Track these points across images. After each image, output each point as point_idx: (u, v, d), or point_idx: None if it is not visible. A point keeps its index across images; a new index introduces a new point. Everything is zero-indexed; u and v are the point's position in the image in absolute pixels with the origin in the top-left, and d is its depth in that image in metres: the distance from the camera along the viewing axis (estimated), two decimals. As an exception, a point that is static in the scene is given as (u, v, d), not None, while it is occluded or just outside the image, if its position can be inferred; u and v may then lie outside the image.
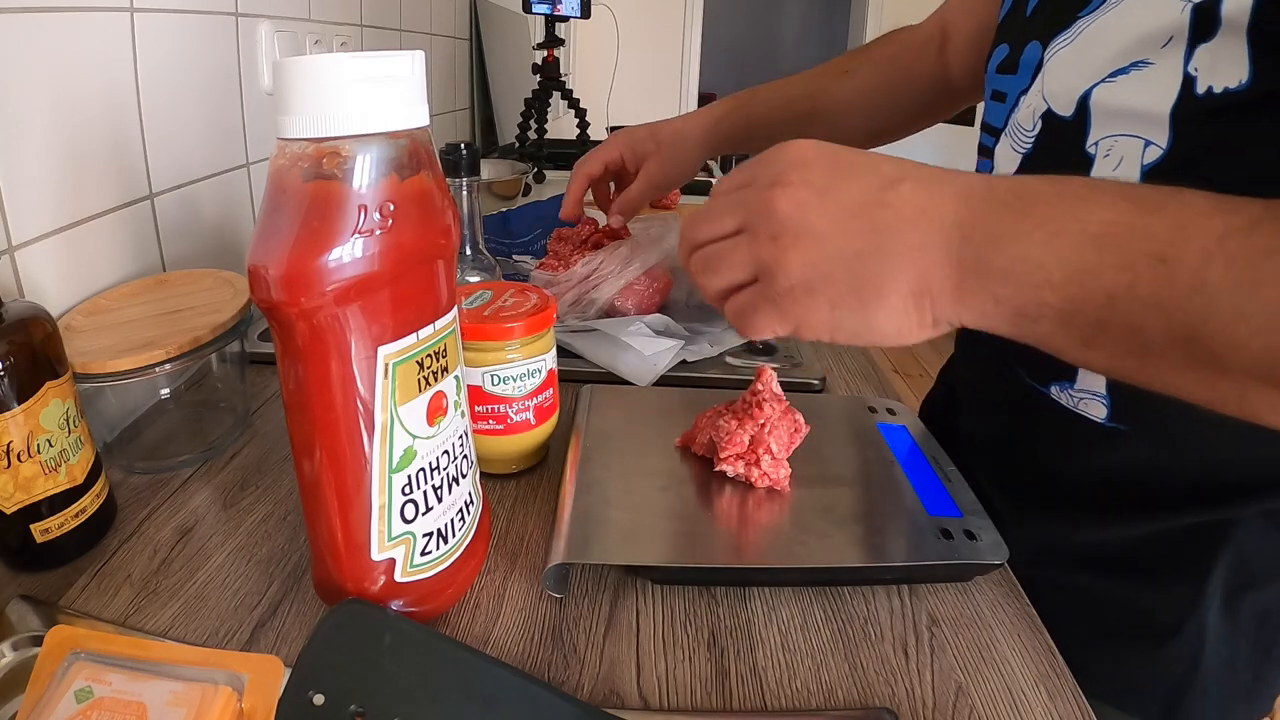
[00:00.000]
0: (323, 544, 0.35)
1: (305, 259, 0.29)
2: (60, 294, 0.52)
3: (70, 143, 0.52)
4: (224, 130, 0.72)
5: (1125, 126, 0.42)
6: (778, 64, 5.96)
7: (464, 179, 0.58)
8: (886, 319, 0.33)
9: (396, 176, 0.30)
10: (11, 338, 0.36)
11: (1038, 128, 0.48)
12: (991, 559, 0.40)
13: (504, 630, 0.37)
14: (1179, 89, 0.39)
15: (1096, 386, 0.46)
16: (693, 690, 0.35)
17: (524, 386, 0.46)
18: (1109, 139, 0.43)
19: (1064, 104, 0.45)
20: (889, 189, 0.33)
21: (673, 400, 0.56)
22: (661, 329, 0.65)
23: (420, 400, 0.33)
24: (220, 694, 0.29)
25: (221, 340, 0.49)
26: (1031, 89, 0.48)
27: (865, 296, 0.33)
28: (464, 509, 0.38)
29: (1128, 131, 0.42)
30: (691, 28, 3.65)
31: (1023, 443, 0.54)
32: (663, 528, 0.42)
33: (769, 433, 0.45)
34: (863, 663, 0.36)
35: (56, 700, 0.28)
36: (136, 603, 0.38)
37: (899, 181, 0.33)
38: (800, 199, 0.33)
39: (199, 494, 0.47)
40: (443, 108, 1.44)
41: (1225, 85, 0.37)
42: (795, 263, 0.33)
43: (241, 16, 0.73)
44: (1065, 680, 0.36)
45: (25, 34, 0.48)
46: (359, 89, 0.29)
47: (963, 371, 0.64)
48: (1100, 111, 0.43)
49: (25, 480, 0.37)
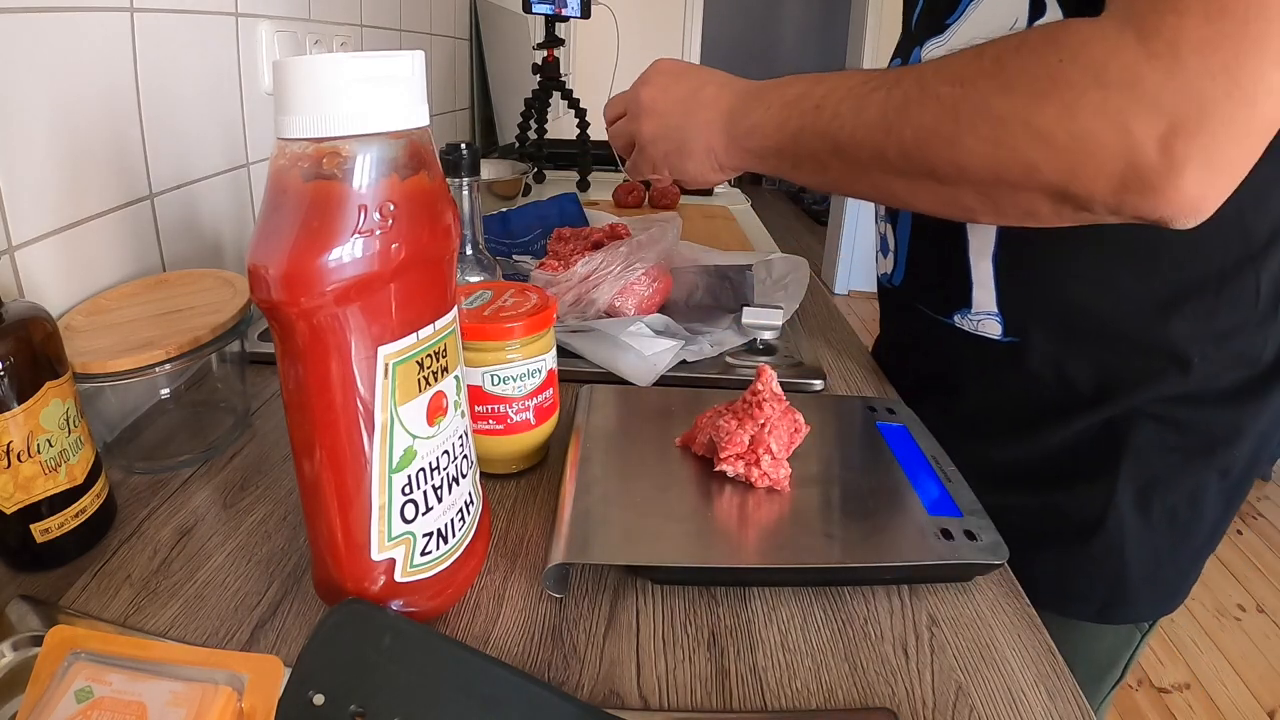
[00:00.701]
0: (323, 544, 0.35)
1: (305, 259, 0.29)
2: (60, 294, 0.52)
3: (70, 143, 0.52)
4: (224, 130, 0.72)
5: None
6: (777, 64, 5.96)
7: (464, 179, 0.58)
8: (695, 166, 0.57)
9: (396, 176, 0.30)
10: (11, 338, 0.36)
11: None
12: (991, 559, 0.40)
13: (504, 630, 0.37)
14: None
15: (989, 306, 0.56)
16: (693, 690, 0.35)
17: (524, 386, 0.46)
18: None
19: None
20: (701, 89, 0.56)
21: (673, 400, 0.56)
22: (661, 329, 0.65)
23: (420, 400, 0.33)
24: (220, 694, 0.29)
25: (221, 340, 0.49)
26: None
27: (683, 151, 0.56)
28: (464, 509, 0.38)
29: None
30: (691, 28, 3.65)
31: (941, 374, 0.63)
32: (663, 528, 0.42)
33: (769, 433, 0.45)
34: (863, 663, 0.36)
35: (56, 700, 0.28)
36: (136, 603, 0.38)
37: (706, 84, 0.56)
38: (652, 94, 0.58)
39: (199, 494, 0.47)
40: (443, 108, 1.44)
41: None
42: (646, 130, 0.58)
43: (241, 16, 0.73)
44: (1065, 680, 0.36)
45: (25, 34, 0.48)
46: (359, 89, 0.29)
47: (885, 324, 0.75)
48: None
49: (25, 480, 0.37)
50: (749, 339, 0.67)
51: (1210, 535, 0.58)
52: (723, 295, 0.74)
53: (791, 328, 0.72)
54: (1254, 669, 1.65)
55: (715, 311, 0.72)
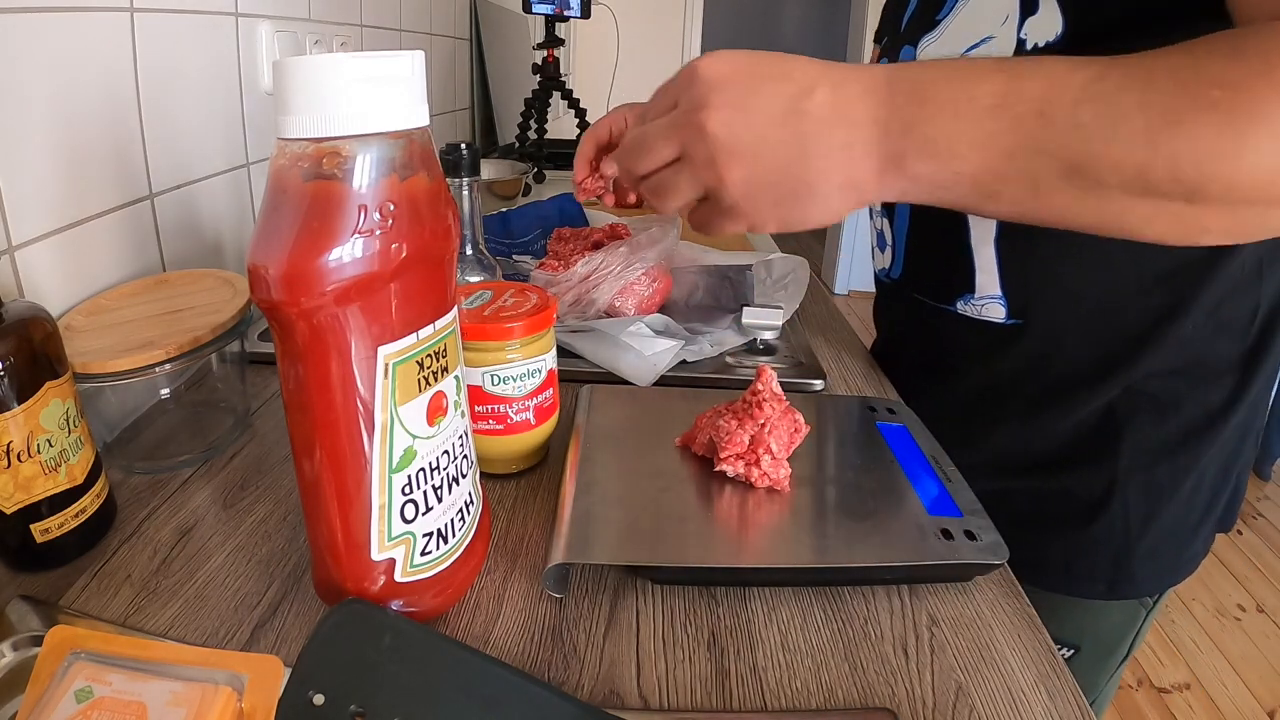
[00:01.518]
0: (323, 544, 0.35)
1: (305, 259, 0.29)
2: (60, 294, 0.52)
3: (70, 143, 0.52)
4: (224, 130, 0.72)
5: None
6: (778, 64, 5.95)
7: (464, 179, 0.58)
8: (820, 210, 0.38)
9: (396, 176, 0.30)
10: (11, 338, 0.36)
11: None
12: (991, 559, 0.40)
13: (504, 630, 0.37)
14: (1013, 50, 0.49)
15: (993, 290, 0.55)
16: (693, 690, 0.35)
17: (524, 386, 0.46)
18: None
19: None
20: (804, 97, 0.36)
21: (673, 400, 0.56)
22: (661, 329, 0.65)
23: (420, 400, 0.33)
24: (220, 694, 0.29)
25: (221, 340, 0.49)
26: None
27: (801, 196, 0.37)
28: (464, 509, 0.38)
29: None
30: (691, 28, 3.65)
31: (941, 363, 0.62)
32: (663, 528, 0.42)
33: (769, 433, 0.45)
34: (863, 663, 0.36)
35: (56, 700, 0.28)
36: (136, 603, 0.38)
37: (812, 88, 0.36)
38: (726, 120, 0.37)
39: (199, 494, 0.47)
40: (443, 108, 1.44)
41: (1046, 39, 0.48)
42: (735, 181, 0.37)
43: (241, 16, 0.73)
44: (1065, 680, 0.36)
45: (25, 34, 0.48)
46: (359, 89, 0.29)
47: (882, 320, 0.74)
48: None
49: (25, 480, 0.37)
50: (749, 339, 0.67)
51: (1209, 506, 0.59)
52: (723, 295, 0.74)
53: (791, 328, 0.72)
54: (1254, 669, 1.65)
55: (715, 311, 0.72)
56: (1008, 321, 0.56)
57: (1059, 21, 0.47)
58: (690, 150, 0.38)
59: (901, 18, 0.62)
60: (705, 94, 0.37)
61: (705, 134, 0.37)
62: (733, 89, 0.37)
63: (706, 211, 0.41)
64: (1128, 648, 0.63)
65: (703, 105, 0.37)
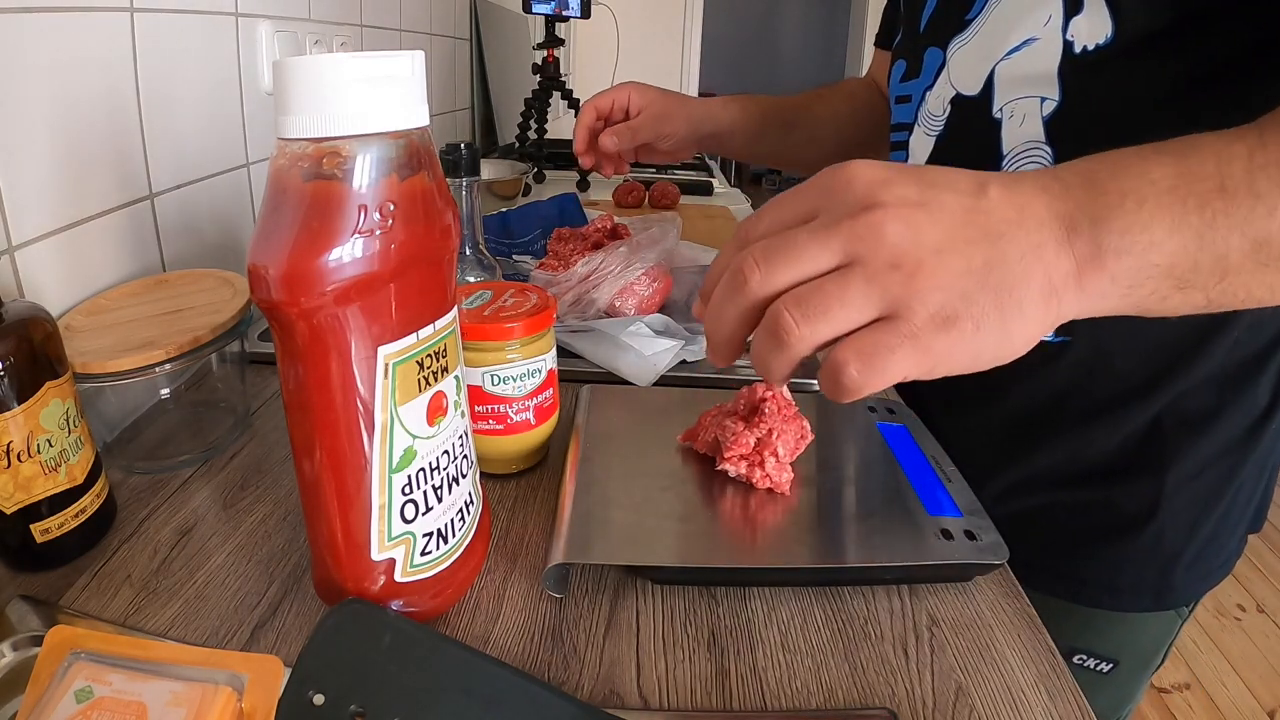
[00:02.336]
0: (323, 544, 0.35)
1: (305, 259, 0.29)
2: (60, 294, 0.52)
3: (70, 143, 0.52)
4: (224, 130, 0.72)
5: (1023, 90, 0.52)
6: (777, 64, 5.96)
7: (464, 179, 0.58)
8: (1022, 328, 0.31)
9: (396, 176, 0.30)
10: (11, 338, 0.36)
11: (947, 111, 0.58)
12: (991, 559, 0.40)
13: (504, 630, 0.37)
14: (1061, 51, 0.49)
15: None
16: (693, 690, 0.35)
17: (524, 386, 0.46)
18: (1011, 102, 0.53)
19: (971, 84, 0.55)
20: (981, 194, 0.31)
21: (673, 400, 0.56)
22: (661, 329, 0.65)
23: (420, 400, 0.33)
24: (220, 694, 0.29)
25: (221, 340, 0.49)
26: (937, 83, 0.59)
27: (1005, 308, 0.30)
28: (464, 509, 0.38)
29: (1026, 94, 0.51)
30: (691, 28, 3.65)
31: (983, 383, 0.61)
32: (663, 528, 0.42)
33: (776, 437, 0.45)
34: (863, 663, 0.36)
35: (56, 700, 0.28)
36: (136, 603, 0.38)
37: (985, 185, 0.32)
38: (908, 218, 0.30)
39: (199, 494, 0.47)
40: (443, 108, 1.44)
41: (1096, 42, 0.47)
42: (929, 288, 0.29)
43: (241, 16, 0.73)
44: (1065, 680, 0.36)
45: (25, 34, 0.48)
46: (359, 89, 0.29)
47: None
48: (1003, 82, 0.53)
49: (25, 480, 0.37)
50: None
51: (1245, 507, 0.59)
52: (723, 295, 0.74)
53: (791, 328, 0.72)
54: (1254, 669, 1.65)
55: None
56: (1055, 339, 0.55)
57: (1108, 22, 0.46)
58: (862, 253, 0.30)
59: (919, 18, 0.61)
60: (871, 191, 0.30)
61: (883, 233, 0.29)
62: (902, 186, 0.31)
63: (882, 337, 0.30)
64: (1163, 654, 0.63)
65: (872, 203, 0.30)
